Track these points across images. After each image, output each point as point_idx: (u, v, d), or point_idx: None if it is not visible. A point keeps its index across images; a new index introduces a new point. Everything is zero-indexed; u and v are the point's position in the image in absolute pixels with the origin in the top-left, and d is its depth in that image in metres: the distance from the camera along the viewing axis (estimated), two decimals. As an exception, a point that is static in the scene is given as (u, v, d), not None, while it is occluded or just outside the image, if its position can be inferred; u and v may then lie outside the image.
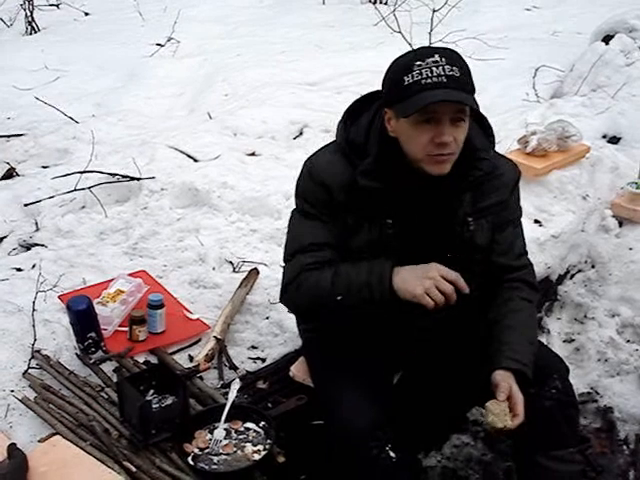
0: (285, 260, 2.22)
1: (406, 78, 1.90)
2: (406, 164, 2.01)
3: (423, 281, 1.94)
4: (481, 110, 2.00)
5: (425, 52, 1.93)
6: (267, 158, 3.99)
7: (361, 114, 2.09)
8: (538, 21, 6.55)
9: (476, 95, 1.95)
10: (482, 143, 2.07)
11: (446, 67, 1.89)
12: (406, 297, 1.96)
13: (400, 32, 4.58)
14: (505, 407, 1.99)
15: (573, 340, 3.23)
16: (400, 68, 1.94)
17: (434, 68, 1.88)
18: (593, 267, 3.36)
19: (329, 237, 2.10)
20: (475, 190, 2.10)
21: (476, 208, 2.11)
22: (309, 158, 2.17)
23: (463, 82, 1.91)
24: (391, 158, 2.01)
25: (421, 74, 1.88)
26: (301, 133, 4.35)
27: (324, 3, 7.41)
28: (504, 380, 2.03)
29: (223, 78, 5.29)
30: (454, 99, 1.89)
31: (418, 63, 1.90)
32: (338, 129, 2.13)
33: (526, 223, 3.14)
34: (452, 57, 1.92)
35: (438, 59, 1.89)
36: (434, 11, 4.53)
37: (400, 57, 1.99)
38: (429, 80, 1.87)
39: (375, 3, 7.17)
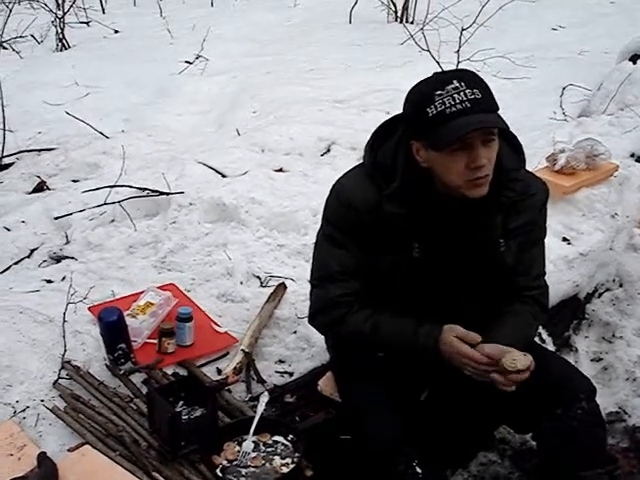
0: (312, 284, 2.26)
1: (429, 110, 1.87)
2: (434, 189, 2.01)
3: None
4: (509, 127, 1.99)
5: (443, 79, 1.90)
6: (295, 174, 4.01)
7: (389, 136, 2.08)
8: (565, 40, 6.56)
9: (503, 114, 1.93)
10: (513, 163, 2.05)
11: (467, 91, 1.86)
12: None
13: (428, 50, 4.59)
14: (509, 354, 1.99)
15: (601, 359, 3.21)
16: (419, 98, 1.92)
17: (455, 95, 1.85)
18: (621, 286, 3.35)
19: (355, 266, 2.13)
20: (507, 211, 2.08)
21: (507, 229, 2.10)
22: (338, 180, 2.17)
23: (486, 103, 1.89)
24: (417, 183, 2.00)
25: (444, 104, 1.86)
26: (328, 150, 4.38)
27: (351, 22, 7.45)
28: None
29: (251, 95, 5.34)
30: (484, 125, 1.88)
31: (438, 92, 1.87)
32: (365, 152, 2.12)
33: (554, 241, 3.17)
34: (470, 79, 1.89)
35: (458, 85, 1.86)
36: (462, 30, 4.54)
37: (417, 86, 1.96)
38: (453, 109, 1.85)
39: (402, 22, 7.20)
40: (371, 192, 2.05)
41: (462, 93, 1.85)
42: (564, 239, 3.25)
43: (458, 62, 4.40)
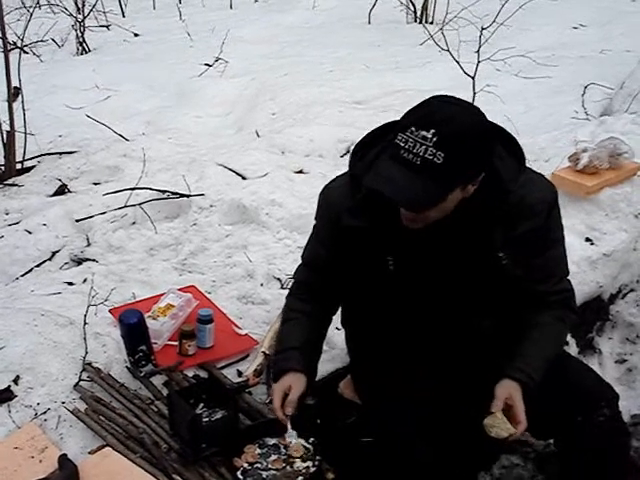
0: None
1: (399, 137, 1.75)
2: None
3: None
4: (511, 133, 1.90)
5: (427, 119, 1.73)
6: (314, 176, 4.00)
7: (373, 147, 1.98)
8: (586, 39, 6.50)
9: (525, 113, 1.87)
10: (510, 172, 1.91)
11: (431, 149, 1.70)
12: None
13: (448, 50, 4.56)
14: (501, 416, 1.95)
15: (625, 360, 3.17)
16: (406, 120, 1.78)
17: (418, 144, 1.71)
18: (645, 286, 3.31)
19: (324, 263, 2.18)
20: (504, 222, 1.94)
21: (507, 240, 1.95)
22: (327, 185, 2.16)
23: (438, 171, 1.72)
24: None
25: (406, 142, 1.72)
26: (348, 151, 4.35)
27: (370, 23, 7.43)
28: (504, 389, 1.99)
29: (271, 97, 5.34)
30: (394, 197, 1.76)
31: (413, 129, 1.72)
32: (349, 160, 2.05)
33: (577, 241, 3.13)
34: (449, 138, 1.71)
35: (429, 135, 1.70)
36: (483, 29, 4.51)
37: (418, 106, 1.81)
38: (404, 154, 1.72)
39: (421, 22, 7.18)
40: (351, 203, 2.00)
41: (424, 147, 1.71)
42: (587, 239, 3.21)
43: (478, 62, 4.36)
